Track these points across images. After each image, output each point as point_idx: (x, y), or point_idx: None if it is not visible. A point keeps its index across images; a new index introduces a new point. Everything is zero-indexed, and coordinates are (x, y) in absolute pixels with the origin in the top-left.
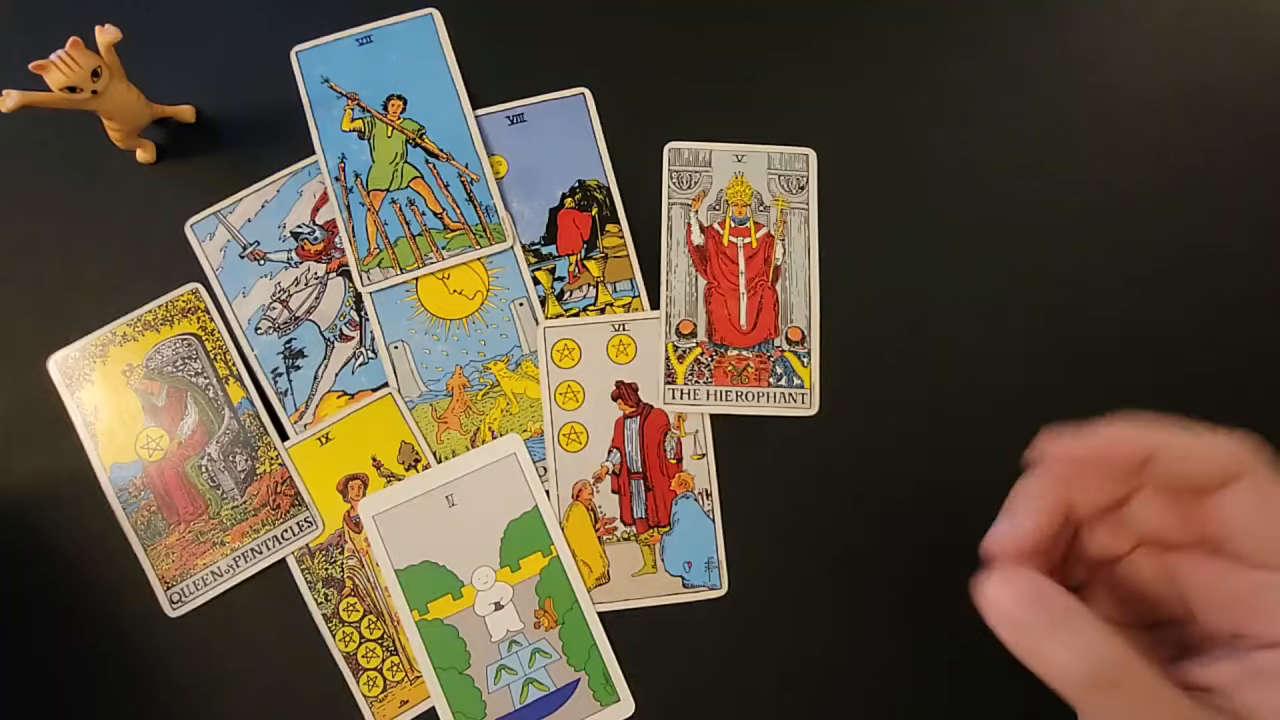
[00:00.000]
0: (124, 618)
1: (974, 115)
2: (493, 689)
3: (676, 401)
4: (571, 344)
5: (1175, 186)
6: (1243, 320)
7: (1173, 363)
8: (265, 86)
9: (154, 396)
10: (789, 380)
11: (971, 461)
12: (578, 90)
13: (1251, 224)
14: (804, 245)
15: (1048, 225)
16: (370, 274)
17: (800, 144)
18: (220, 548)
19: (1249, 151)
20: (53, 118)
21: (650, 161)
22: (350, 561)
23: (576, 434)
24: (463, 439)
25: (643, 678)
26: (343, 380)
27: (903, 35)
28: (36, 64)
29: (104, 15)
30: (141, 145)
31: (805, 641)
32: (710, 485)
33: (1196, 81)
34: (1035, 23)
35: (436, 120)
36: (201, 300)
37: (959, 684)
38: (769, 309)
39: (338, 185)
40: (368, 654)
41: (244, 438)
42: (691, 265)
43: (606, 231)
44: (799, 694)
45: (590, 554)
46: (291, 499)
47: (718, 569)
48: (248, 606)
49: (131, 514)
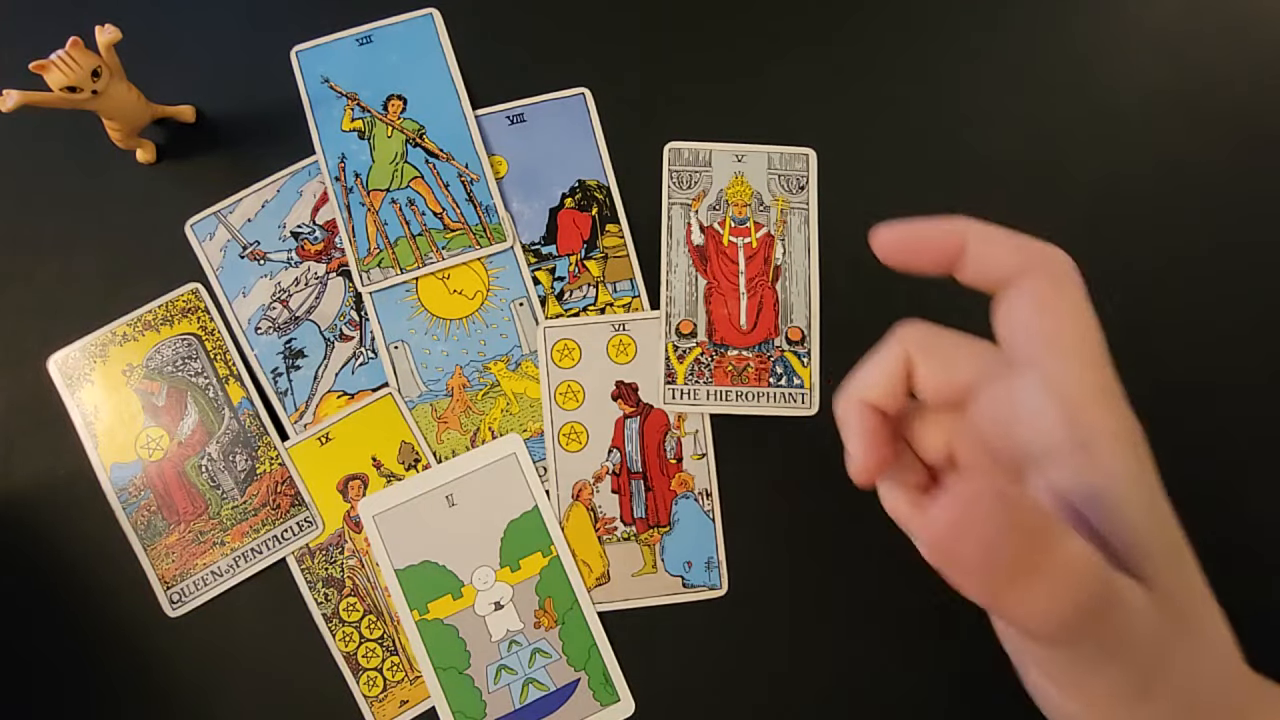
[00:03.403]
0: (124, 618)
1: (974, 115)
2: (493, 689)
3: (676, 401)
4: (571, 344)
5: (1175, 186)
6: (1243, 319)
7: (1173, 362)
8: (265, 86)
9: (154, 396)
10: (789, 380)
11: None
12: (578, 90)
13: (1252, 224)
14: (804, 245)
15: (1047, 225)
16: (370, 274)
17: (800, 144)
18: (220, 548)
19: (1249, 151)
20: (53, 118)
21: (650, 161)
22: (350, 561)
23: (576, 434)
24: (463, 439)
25: (643, 678)
26: (343, 380)
27: (903, 35)
28: (36, 64)
29: (104, 15)
30: (141, 145)
31: (805, 642)
32: (710, 485)
33: (1196, 81)
34: (1035, 23)
35: (436, 120)
36: (201, 300)
37: (959, 684)
38: (769, 309)
39: (338, 185)
40: (368, 654)
41: (244, 438)
42: (691, 265)
43: (606, 231)
44: (799, 694)
45: (590, 554)
46: (291, 499)
47: (718, 569)
48: (248, 606)
49: (131, 514)
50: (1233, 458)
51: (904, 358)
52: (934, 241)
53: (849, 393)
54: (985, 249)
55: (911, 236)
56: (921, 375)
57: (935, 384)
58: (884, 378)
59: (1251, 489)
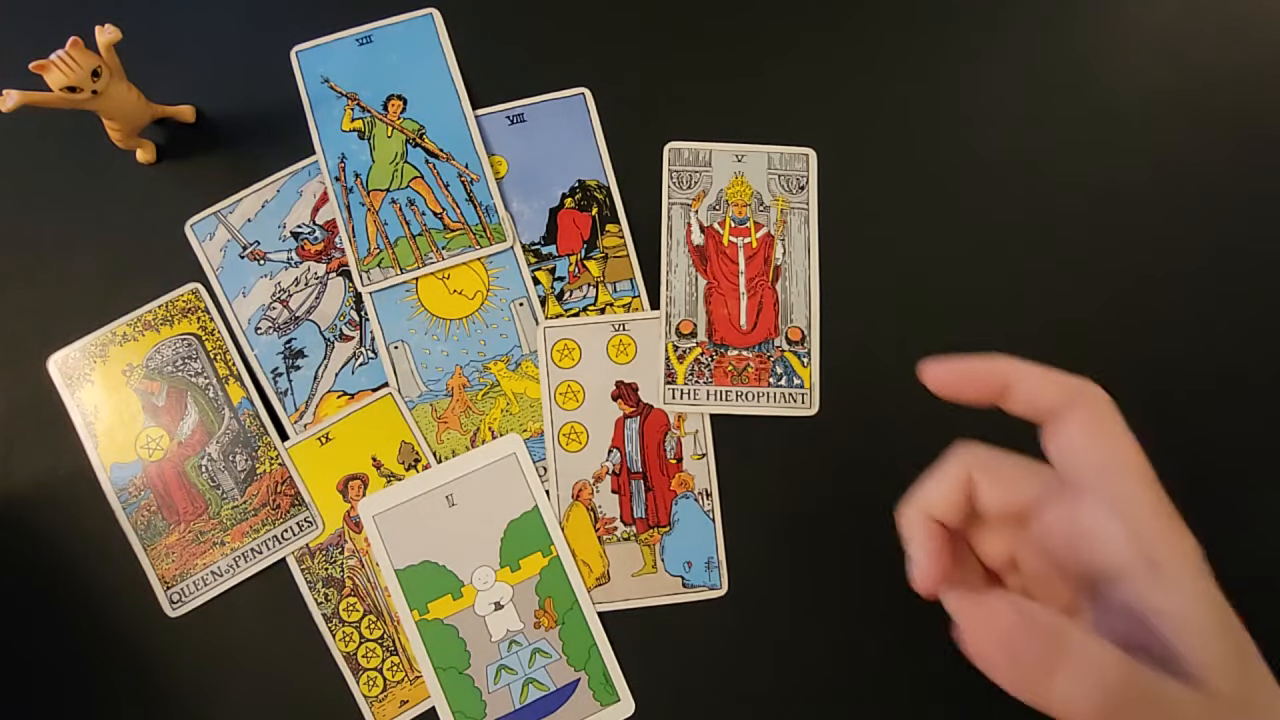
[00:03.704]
0: (124, 618)
1: (974, 115)
2: (493, 689)
3: (676, 401)
4: (571, 344)
5: (1175, 186)
6: (1243, 319)
7: (1173, 361)
8: (265, 86)
9: (154, 396)
10: (789, 380)
11: None
12: (578, 90)
13: (1252, 223)
14: (804, 245)
15: (1048, 225)
16: (370, 274)
17: (800, 144)
18: (220, 548)
19: (1249, 151)
20: (53, 118)
21: (650, 161)
22: (350, 561)
23: (576, 434)
24: (463, 439)
25: (643, 678)
26: (343, 380)
27: (903, 36)
28: (36, 64)
29: (104, 15)
30: (141, 145)
31: (805, 642)
32: (710, 485)
33: (1196, 81)
34: (1035, 23)
35: (436, 120)
36: (201, 300)
37: (959, 683)
38: (769, 309)
39: (338, 185)
40: (368, 654)
41: (244, 438)
42: (691, 265)
43: (606, 231)
44: (798, 694)
45: (590, 554)
46: (291, 499)
47: (718, 569)
48: (248, 606)
49: (131, 514)
50: (1233, 458)
51: (966, 478)
52: (980, 380)
53: (913, 506)
54: (1030, 386)
55: (959, 374)
56: (984, 493)
57: (998, 502)
58: (947, 495)
59: (1252, 489)
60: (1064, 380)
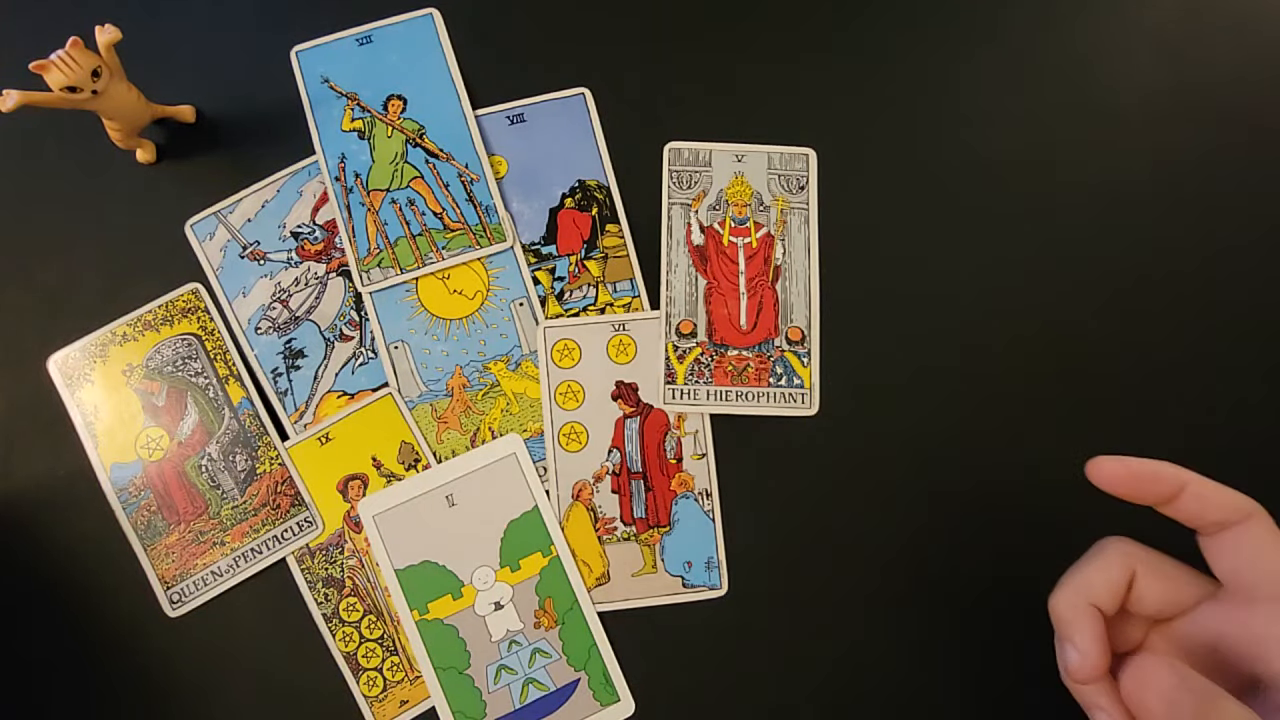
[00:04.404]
0: (124, 618)
1: (974, 115)
2: (493, 689)
3: (676, 401)
4: (571, 344)
5: (1175, 186)
6: (1242, 319)
7: (1174, 361)
8: (265, 86)
9: (154, 396)
10: (789, 380)
11: (972, 461)
12: (578, 90)
13: (1252, 223)
14: (804, 245)
15: (1048, 225)
16: (370, 274)
17: (800, 144)
18: (220, 548)
19: (1249, 151)
20: (53, 118)
21: (650, 161)
22: (350, 561)
23: (576, 434)
24: (463, 439)
25: (643, 678)
26: (343, 380)
27: (903, 35)
28: (36, 64)
29: (104, 15)
30: (141, 145)
31: (805, 642)
32: (710, 485)
33: (1196, 81)
34: (1036, 22)
35: (436, 120)
36: (201, 300)
37: (959, 683)
38: (769, 309)
39: (338, 185)
40: (368, 654)
41: (244, 438)
42: (691, 265)
43: (606, 231)
44: (799, 694)
45: (590, 554)
46: (291, 499)
47: (718, 569)
48: (248, 606)
49: (131, 514)
50: (1234, 458)
51: (1130, 571)
52: (1156, 485)
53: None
54: (1204, 495)
55: (1136, 475)
56: (1145, 588)
57: (1158, 598)
58: (1113, 585)
59: (1252, 489)
60: (1238, 495)
